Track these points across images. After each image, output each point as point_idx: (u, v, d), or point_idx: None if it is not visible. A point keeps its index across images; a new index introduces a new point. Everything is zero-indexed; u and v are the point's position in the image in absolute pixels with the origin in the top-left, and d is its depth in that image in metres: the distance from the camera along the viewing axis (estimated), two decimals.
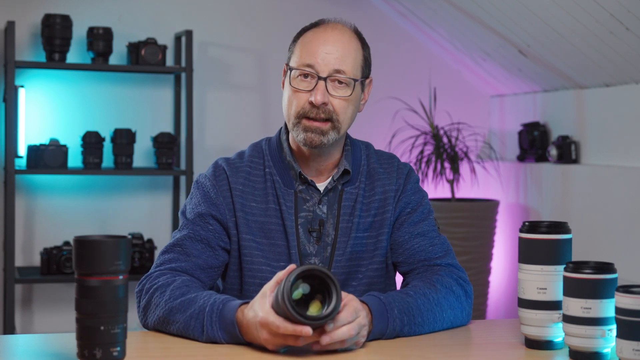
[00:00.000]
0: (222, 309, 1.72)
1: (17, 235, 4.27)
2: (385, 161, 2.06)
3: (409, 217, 2.01)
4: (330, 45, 1.94)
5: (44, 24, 4.14)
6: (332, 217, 1.98)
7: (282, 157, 2.01)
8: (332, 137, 1.94)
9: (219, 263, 1.96)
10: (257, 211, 1.97)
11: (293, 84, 1.95)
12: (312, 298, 1.63)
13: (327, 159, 2.01)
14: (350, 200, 1.99)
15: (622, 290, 1.53)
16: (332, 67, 1.93)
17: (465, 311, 1.94)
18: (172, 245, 1.95)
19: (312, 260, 1.96)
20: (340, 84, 1.94)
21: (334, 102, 1.94)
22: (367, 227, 1.99)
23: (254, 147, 2.05)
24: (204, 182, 2.00)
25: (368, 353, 1.69)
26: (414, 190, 2.04)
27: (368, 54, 2.02)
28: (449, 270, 1.97)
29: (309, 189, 1.99)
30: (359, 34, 2.01)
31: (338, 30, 1.97)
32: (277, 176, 1.99)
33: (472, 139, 4.80)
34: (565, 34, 3.72)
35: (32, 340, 1.85)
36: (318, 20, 2.02)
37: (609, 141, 3.92)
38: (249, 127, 4.67)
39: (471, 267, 4.39)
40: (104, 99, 4.46)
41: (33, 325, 4.37)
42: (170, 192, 4.55)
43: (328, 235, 1.97)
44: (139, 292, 1.88)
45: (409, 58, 4.90)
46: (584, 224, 3.91)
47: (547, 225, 1.70)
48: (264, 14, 4.69)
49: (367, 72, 2.02)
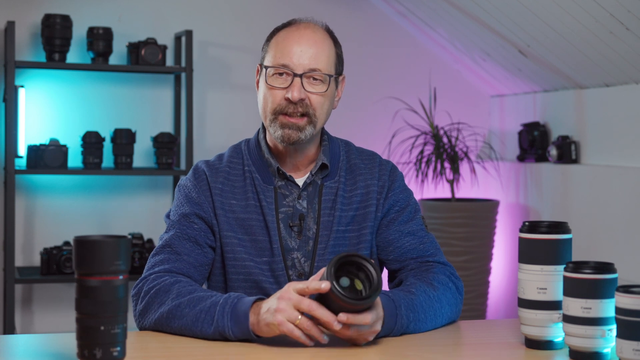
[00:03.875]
0: (237, 303, 1.74)
1: (17, 235, 4.27)
2: (366, 157, 2.10)
3: (398, 215, 2.04)
4: (304, 44, 1.98)
5: (44, 24, 4.14)
6: (313, 211, 2.01)
7: (260, 155, 2.05)
8: (308, 132, 1.98)
9: (208, 260, 1.99)
10: (237, 208, 1.99)
11: (269, 81, 1.98)
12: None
13: (303, 154, 2.04)
14: (330, 195, 2.02)
15: (622, 290, 1.53)
16: (307, 65, 1.97)
17: (458, 307, 1.99)
18: (161, 247, 1.96)
19: (295, 255, 1.99)
20: (316, 81, 1.98)
21: (311, 98, 1.97)
22: (349, 220, 2.02)
23: (233, 149, 2.09)
24: (185, 184, 2.03)
25: (368, 353, 1.70)
26: (401, 189, 2.07)
27: (340, 51, 2.06)
28: (442, 267, 2.00)
29: (288, 185, 2.02)
30: (330, 32, 2.05)
31: (311, 29, 2.01)
32: (256, 173, 2.02)
33: (472, 139, 4.80)
34: (565, 34, 3.72)
35: (32, 340, 1.85)
36: (290, 20, 2.07)
37: (609, 141, 3.92)
38: (249, 127, 4.65)
39: (471, 267, 4.39)
40: (104, 99, 4.46)
41: (33, 325, 4.37)
42: (170, 192, 4.55)
43: (309, 230, 2.00)
44: (135, 295, 1.89)
45: (409, 58, 4.90)
46: (584, 224, 3.91)
47: (547, 225, 1.70)
48: (264, 14, 4.69)
49: (340, 69, 2.06)
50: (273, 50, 2.00)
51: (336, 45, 2.04)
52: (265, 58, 2.02)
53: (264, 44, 2.06)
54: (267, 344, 1.73)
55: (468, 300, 4.40)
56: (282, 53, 1.98)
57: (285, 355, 1.67)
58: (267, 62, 2.00)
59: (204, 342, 1.75)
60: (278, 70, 1.97)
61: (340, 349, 1.71)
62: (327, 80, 1.98)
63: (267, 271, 1.97)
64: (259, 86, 2.04)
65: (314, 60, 1.97)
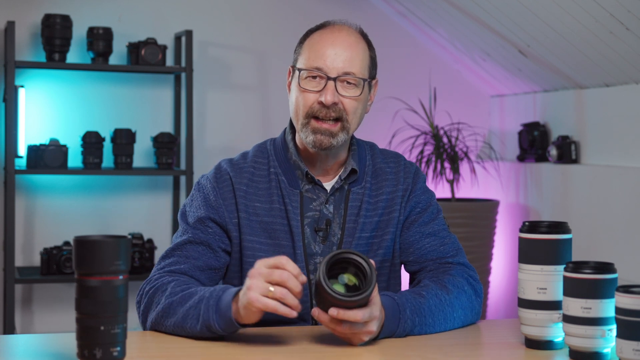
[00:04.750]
0: (222, 295, 1.73)
1: (17, 235, 4.27)
2: (391, 160, 2.07)
3: (419, 216, 2.02)
4: (339, 46, 1.94)
5: (44, 24, 4.14)
6: (339, 216, 1.98)
7: (287, 157, 2.01)
8: (341, 138, 1.94)
9: (220, 264, 1.96)
10: (261, 211, 1.96)
11: (302, 84, 1.95)
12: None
13: (334, 159, 2.01)
14: (357, 201, 1.99)
15: (622, 290, 1.53)
16: (341, 68, 1.93)
17: (475, 310, 1.95)
18: (172, 249, 1.95)
19: (318, 260, 1.96)
20: (349, 85, 1.94)
21: (345, 102, 1.94)
22: (373, 226, 1.99)
23: (258, 148, 2.05)
24: (205, 184, 2.00)
25: (368, 353, 1.70)
26: (423, 190, 2.05)
27: (374, 54, 2.03)
28: (460, 269, 1.97)
29: (315, 189, 1.99)
30: (365, 36, 2.02)
31: (345, 32, 1.98)
32: (282, 176, 1.99)
33: (472, 139, 4.80)
34: (565, 34, 3.72)
35: (32, 340, 1.85)
36: (324, 22, 2.02)
37: (609, 141, 3.92)
38: (249, 127, 4.67)
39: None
40: (104, 99, 4.46)
41: (33, 325, 4.37)
42: (170, 192, 4.55)
43: (334, 235, 1.97)
44: (138, 296, 1.88)
45: (409, 58, 4.90)
46: (584, 224, 3.91)
47: (547, 225, 1.70)
48: (264, 14, 4.69)
49: (374, 72, 2.03)
50: (307, 53, 1.96)
51: (370, 49, 2.01)
52: (298, 60, 1.98)
53: (296, 46, 2.01)
54: (267, 345, 1.73)
55: None
56: (316, 55, 1.94)
57: (285, 355, 1.67)
58: (300, 65, 1.96)
59: (204, 343, 1.75)
60: (311, 73, 1.93)
61: (340, 349, 1.71)
62: (361, 85, 1.95)
63: None
64: (290, 89, 2.00)
65: (348, 63, 1.94)
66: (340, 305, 1.65)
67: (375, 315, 1.70)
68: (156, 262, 1.98)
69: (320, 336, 1.78)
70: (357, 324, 1.68)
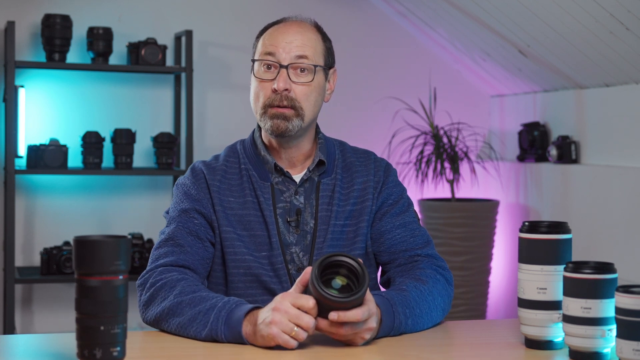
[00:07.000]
0: (234, 309, 1.75)
1: (17, 235, 4.27)
2: (362, 155, 2.12)
3: (391, 208, 2.06)
4: (291, 35, 2.01)
5: (44, 24, 4.14)
6: (310, 206, 2.02)
7: (256, 153, 2.07)
8: (296, 124, 1.99)
9: (209, 255, 1.99)
10: (235, 205, 2.01)
11: (257, 74, 2.02)
12: None
13: (298, 150, 2.06)
14: (328, 190, 2.04)
15: (622, 290, 1.53)
16: (293, 54, 1.99)
17: (450, 297, 1.99)
18: (164, 240, 1.97)
19: (293, 250, 2.00)
20: (302, 72, 2.00)
21: (296, 89, 1.99)
22: (347, 215, 2.03)
23: (229, 149, 2.11)
24: (184, 182, 2.05)
25: (368, 353, 1.70)
26: (395, 183, 2.10)
27: (330, 45, 2.08)
28: (429, 261, 2.01)
29: (285, 181, 2.04)
30: (319, 28, 2.08)
31: (297, 23, 2.05)
32: (252, 171, 2.04)
33: (472, 139, 4.80)
34: (565, 34, 3.72)
35: (32, 340, 1.85)
36: (280, 19, 2.09)
37: (609, 141, 3.92)
38: (249, 127, 4.63)
39: (471, 267, 4.39)
40: (104, 99, 4.46)
41: (33, 325, 4.37)
42: (170, 192, 4.55)
43: (307, 224, 2.01)
44: (140, 285, 1.90)
45: (409, 58, 4.90)
46: (584, 224, 3.91)
47: (547, 225, 1.70)
48: (264, 14, 4.68)
49: (331, 61, 2.08)
50: (261, 44, 2.04)
51: (324, 39, 2.07)
52: (255, 54, 2.06)
53: (254, 42, 2.08)
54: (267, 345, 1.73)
55: (468, 300, 4.40)
56: (270, 44, 2.01)
57: (285, 356, 1.67)
58: (256, 56, 2.04)
59: (204, 343, 1.75)
60: (266, 61, 2.00)
61: (340, 349, 1.71)
62: (312, 71, 2.00)
63: (266, 265, 1.98)
64: (251, 82, 2.06)
65: (300, 49, 1.99)
66: (339, 307, 1.66)
67: (373, 311, 1.72)
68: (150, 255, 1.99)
69: (320, 336, 1.78)
70: (358, 323, 1.69)
